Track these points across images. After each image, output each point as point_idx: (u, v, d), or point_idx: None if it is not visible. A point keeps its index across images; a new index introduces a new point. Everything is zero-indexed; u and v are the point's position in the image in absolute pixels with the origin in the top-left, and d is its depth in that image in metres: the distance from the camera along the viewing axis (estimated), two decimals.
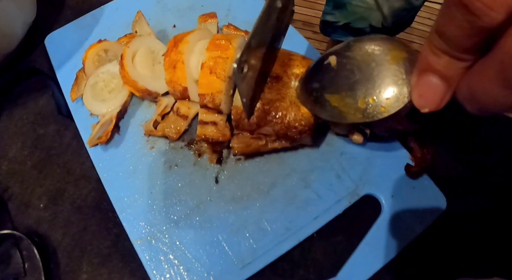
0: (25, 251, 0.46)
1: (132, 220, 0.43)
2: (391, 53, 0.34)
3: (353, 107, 0.35)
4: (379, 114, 0.34)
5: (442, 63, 0.23)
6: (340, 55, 0.37)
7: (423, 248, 0.42)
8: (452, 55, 0.22)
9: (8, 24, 0.51)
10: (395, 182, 0.43)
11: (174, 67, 0.44)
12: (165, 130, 0.45)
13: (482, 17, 0.19)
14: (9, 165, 0.50)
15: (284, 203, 0.43)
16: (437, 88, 0.25)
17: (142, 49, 0.48)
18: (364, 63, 0.35)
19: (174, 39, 0.45)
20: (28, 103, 0.54)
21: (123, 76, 0.46)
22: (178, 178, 0.44)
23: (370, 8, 0.83)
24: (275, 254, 0.41)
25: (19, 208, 0.48)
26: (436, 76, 0.24)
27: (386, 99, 0.33)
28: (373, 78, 0.34)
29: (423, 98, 0.26)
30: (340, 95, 0.36)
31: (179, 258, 0.41)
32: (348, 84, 0.36)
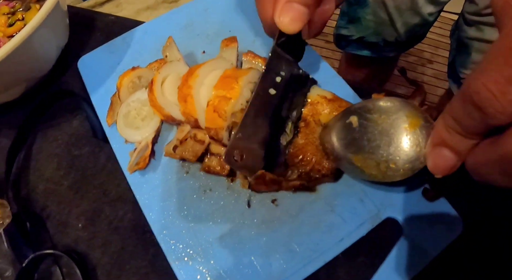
0: (65, 269, 0.48)
1: (169, 241, 0.45)
2: (409, 120, 0.38)
3: (374, 168, 0.39)
4: (397, 176, 0.38)
5: (454, 140, 0.27)
6: (361, 116, 0.41)
7: (440, 267, 0.45)
8: (463, 135, 0.26)
9: (44, 49, 0.53)
10: (414, 206, 0.46)
11: (185, 100, 0.46)
12: (183, 153, 0.47)
13: (493, 118, 0.23)
14: (46, 184, 0.52)
15: (311, 226, 0.45)
16: (449, 159, 0.29)
17: (172, 75, 0.50)
18: (384, 128, 0.39)
19: (187, 72, 0.48)
20: (62, 124, 0.56)
21: (151, 100, 0.48)
22: (212, 202, 0.47)
23: (384, 23, 0.85)
24: (303, 274, 0.43)
25: (58, 228, 0.50)
26: (448, 150, 0.28)
27: (404, 165, 0.37)
28: (393, 145, 0.38)
29: (436, 167, 0.31)
30: (363, 156, 0.40)
31: (214, 277, 0.44)
32: (370, 147, 0.40)
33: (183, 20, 0.59)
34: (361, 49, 0.96)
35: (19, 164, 0.54)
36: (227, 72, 0.45)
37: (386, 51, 0.96)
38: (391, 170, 0.38)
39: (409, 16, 0.84)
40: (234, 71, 0.46)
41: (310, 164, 0.44)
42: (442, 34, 1.42)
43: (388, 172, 0.39)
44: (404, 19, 0.84)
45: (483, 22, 0.76)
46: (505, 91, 0.22)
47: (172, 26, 0.58)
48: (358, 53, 0.98)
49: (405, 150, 0.37)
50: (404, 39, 0.90)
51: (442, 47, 1.39)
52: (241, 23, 0.59)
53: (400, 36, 0.88)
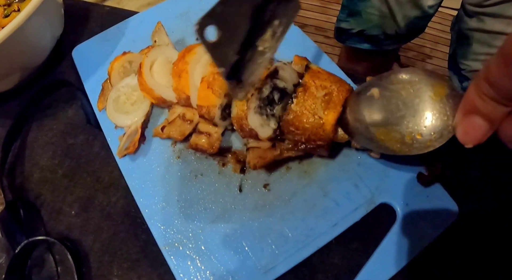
0: (57, 256, 0.48)
1: (159, 227, 0.45)
2: (434, 89, 0.36)
3: (399, 141, 0.37)
4: (424, 148, 0.36)
5: (488, 107, 0.26)
6: (383, 87, 0.39)
7: (435, 253, 0.44)
8: (499, 102, 0.25)
9: (39, 38, 0.54)
10: (409, 191, 0.45)
11: (180, 76, 0.46)
12: (170, 133, 0.47)
13: None
14: (40, 173, 0.53)
15: (304, 211, 0.45)
16: (481, 128, 0.27)
17: (160, 58, 0.50)
18: (408, 98, 0.37)
19: (184, 49, 0.48)
20: (57, 113, 0.56)
21: (141, 84, 0.48)
22: (203, 187, 0.47)
23: (385, 16, 0.85)
24: (296, 260, 0.43)
25: (51, 215, 0.50)
26: (481, 117, 0.27)
27: (431, 135, 0.35)
28: (418, 114, 0.36)
29: (467, 136, 0.28)
30: (387, 129, 0.38)
31: (205, 263, 0.43)
32: (394, 118, 0.37)
33: (178, 9, 0.60)
34: (362, 43, 0.96)
35: (15, 153, 0.55)
36: None
37: (386, 44, 0.96)
38: (418, 141, 0.36)
39: (409, 9, 0.83)
40: None
41: (306, 133, 0.42)
42: (441, 30, 1.41)
43: (414, 143, 0.36)
44: (404, 12, 0.84)
45: (485, 13, 0.75)
46: None
47: (167, 15, 0.58)
48: (358, 47, 0.98)
49: (432, 119, 0.35)
50: (405, 32, 0.89)
51: (441, 43, 1.38)
52: None
53: (400, 29, 0.88)
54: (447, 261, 0.44)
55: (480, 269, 0.44)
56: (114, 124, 0.50)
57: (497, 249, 0.45)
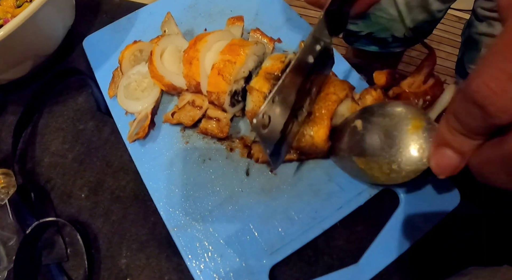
0: (67, 238, 0.49)
1: (168, 209, 0.46)
2: (412, 122, 0.37)
3: (377, 171, 0.39)
4: (400, 179, 0.38)
5: (457, 140, 0.27)
6: (365, 120, 0.41)
7: (438, 238, 0.45)
8: (466, 135, 0.26)
9: (50, 28, 0.55)
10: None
11: (190, 63, 0.47)
12: (180, 118, 0.49)
13: (494, 117, 0.22)
14: (51, 158, 0.54)
15: (310, 195, 0.46)
16: (452, 160, 0.28)
17: (170, 47, 0.52)
18: (387, 131, 0.38)
19: (195, 38, 0.49)
20: (67, 101, 0.57)
21: (151, 71, 0.49)
22: (211, 171, 0.48)
23: (393, 20, 0.85)
24: (301, 242, 0.44)
25: (62, 198, 0.51)
26: (451, 150, 0.28)
27: (407, 167, 0.37)
28: (395, 147, 0.37)
29: (439, 168, 0.30)
30: (366, 159, 0.40)
31: (212, 245, 0.44)
32: (373, 150, 0.39)
33: (187, 1, 0.61)
34: (370, 45, 0.97)
35: (26, 138, 0.56)
36: (234, 41, 0.47)
37: (393, 47, 0.97)
38: (394, 171, 0.38)
39: (418, 13, 0.84)
40: (241, 41, 0.47)
41: (302, 149, 0.45)
42: (444, 30, 1.42)
43: (391, 173, 0.38)
44: (413, 15, 0.84)
45: (496, 18, 0.76)
46: (506, 89, 0.21)
47: (176, 6, 0.60)
48: (366, 49, 0.99)
49: (408, 151, 0.37)
50: (412, 35, 0.90)
51: (444, 43, 1.40)
52: (242, 3, 0.60)
53: (409, 32, 0.89)
54: (448, 244, 0.45)
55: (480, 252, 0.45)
56: (125, 111, 0.52)
57: (495, 232, 0.46)
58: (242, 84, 0.47)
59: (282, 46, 0.55)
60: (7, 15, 0.57)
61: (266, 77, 0.44)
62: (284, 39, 0.55)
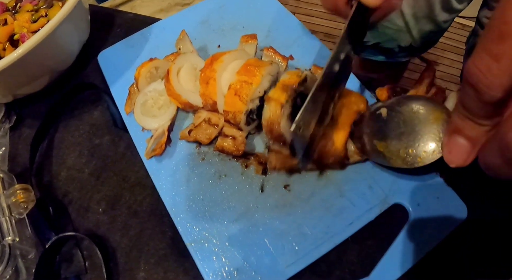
0: (85, 251, 0.50)
1: (185, 224, 0.48)
2: (433, 114, 0.41)
3: (395, 154, 0.43)
4: (415, 163, 0.41)
5: (466, 127, 0.29)
6: (391, 108, 0.44)
7: (446, 251, 0.46)
8: (473, 120, 0.28)
9: (67, 43, 0.56)
10: (421, 193, 0.47)
11: (207, 83, 0.49)
12: (197, 136, 0.50)
13: (484, 94, 0.24)
14: (68, 172, 0.55)
15: (322, 210, 0.47)
16: (463, 147, 0.30)
17: (186, 65, 0.53)
18: (410, 119, 0.42)
19: (212, 57, 0.51)
20: (83, 115, 0.59)
21: (168, 89, 0.51)
22: (227, 187, 0.49)
23: (400, 30, 0.86)
24: (314, 256, 0.45)
25: (79, 212, 0.52)
26: (462, 137, 0.30)
27: (423, 152, 0.40)
28: (415, 133, 0.41)
29: (451, 155, 0.31)
30: (386, 143, 0.43)
31: (229, 258, 0.46)
32: (394, 135, 0.43)
33: (199, 17, 0.62)
34: (376, 55, 0.98)
35: (42, 152, 0.57)
36: (250, 61, 0.48)
37: (400, 56, 0.98)
38: (410, 155, 0.41)
39: (425, 24, 0.85)
40: (256, 61, 0.49)
41: (319, 152, 0.47)
42: (449, 37, 1.44)
43: (407, 157, 0.41)
44: (420, 26, 0.85)
45: None
46: (490, 66, 0.23)
47: (189, 22, 0.61)
48: (373, 58, 1.00)
49: (426, 139, 0.40)
50: (419, 45, 0.91)
51: (448, 50, 1.42)
52: (255, 20, 0.61)
53: (415, 42, 0.90)
54: (456, 257, 0.47)
55: (487, 265, 0.46)
56: (141, 127, 0.53)
57: (502, 245, 0.47)
58: (257, 103, 0.48)
59: (294, 63, 0.56)
60: (23, 29, 0.58)
61: (284, 88, 0.45)
62: (296, 56, 0.56)
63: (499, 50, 0.23)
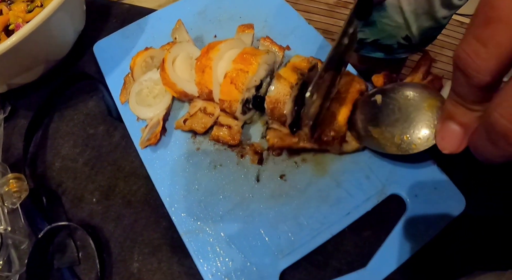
0: (79, 241, 0.50)
1: (180, 214, 0.47)
2: (428, 101, 0.41)
3: (390, 140, 0.43)
4: (410, 150, 0.41)
5: (459, 112, 0.29)
6: (385, 95, 0.44)
7: (443, 243, 0.46)
8: (464, 105, 0.28)
9: (62, 33, 0.56)
10: (418, 183, 0.47)
11: (203, 71, 0.48)
12: (192, 125, 0.50)
13: (473, 78, 0.25)
14: (62, 162, 0.54)
15: (319, 201, 0.47)
16: (456, 133, 0.30)
17: (182, 54, 0.52)
18: (404, 105, 0.42)
19: (208, 46, 0.50)
20: (78, 105, 0.58)
21: (163, 78, 0.50)
22: (222, 177, 0.49)
23: (399, 27, 0.86)
24: (311, 246, 0.45)
25: (73, 202, 0.52)
26: (455, 123, 0.30)
27: (418, 139, 0.41)
28: (410, 120, 0.41)
29: (444, 141, 0.31)
30: (381, 129, 0.44)
31: (224, 249, 0.45)
32: (389, 121, 0.43)
33: (196, 8, 0.62)
34: (375, 51, 0.98)
35: (37, 142, 0.56)
36: (246, 50, 0.48)
37: (399, 53, 0.98)
38: (405, 142, 0.41)
39: (424, 20, 0.85)
40: (253, 49, 0.48)
41: (321, 124, 0.46)
42: (447, 34, 1.44)
43: (402, 144, 0.42)
44: (419, 23, 0.85)
45: None
46: (477, 51, 0.24)
47: (186, 12, 0.61)
48: (372, 55, 1.00)
49: (420, 126, 0.40)
50: (418, 41, 0.91)
51: (446, 47, 1.42)
52: (251, 10, 0.61)
53: (415, 38, 0.90)
54: (454, 249, 0.46)
55: (485, 257, 0.46)
56: (136, 117, 0.52)
57: (499, 237, 0.47)
58: (253, 93, 0.48)
59: (291, 54, 0.55)
60: (18, 19, 0.58)
61: (294, 69, 0.45)
62: (293, 46, 0.56)
63: (486, 35, 0.23)
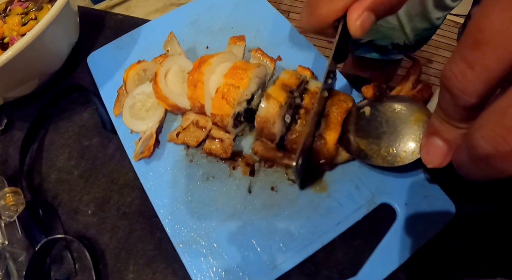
0: (75, 253, 0.51)
1: (174, 226, 0.48)
2: (415, 115, 0.42)
3: (376, 152, 0.44)
4: (395, 162, 0.42)
5: (444, 129, 0.29)
6: (374, 107, 0.45)
7: (433, 250, 0.46)
8: (449, 123, 0.29)
9: (56, 46, 0.56)
10: (408, 192, 0.48)
11: (195, 86, 0.49)
12: (185, 139, 0.50)
13: (459, 98, 0.25)
14: (58, 174, 0.55)
15: (309, 211, 0.48)
16: (440, 148, 0.31)
17: (174, 68, 0.53)
18: (392, 119, 0.43)
19: (199, 60, 0.50)
20: (72, 117, 0.59)
21: (156, 92, 0.51)
22: (215, 188, 0.49)
23: (394, 28, 0.87)
24: (302, 256, 0.45)
25: (69, 214, 0.53)
26: (439, 139, 0.31)
27: (403, 152, 0.41)
28: (396, 133, 0.42)
29: (429, 156, 0.32)
30: (368, 141, 0.44)
31: (217, 260, 0.46)
32: (376, 133, 0.44)
33: (189, 18, 0.62)
34: (370, 52, 0.98)
35: (32, 154, 0.57)
36: (237, 64, 0.48)
37: (394, 54, 0.98)
38: (391, 155, 0.42)
39: (418, 21, 0.85)
40: (244, 64, 0.49)
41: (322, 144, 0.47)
42: (442, 35, 1.45)
43: (388, 156, 0.42)
44: (413, 24, 0.86)
45: None
46: (464, 72, 0.24)
47: (178, 23, 0.61)
48: (366, 56, 1.00)
49: (406, 139, 0.41)
50: (412, 42, 0.91)
51: (442, 48, 1.42)
52: (243, 20, 0.61)
53: (409, 39, 0.90)
54: (444, 256, 0.47)
55: (473, 263, 0.47)
56: (130, 130, 0.53)
57: (488, 244, 0.47)
58: (244, 106, 0.48)
59: (282, 64, 0.56)
60: (12, 33, 0.58)
61: (283, 87, 0.46)
62: (284, 56, 0.56)
63: (473, 57, 0.23)
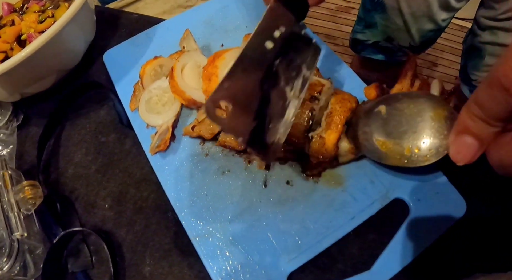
0: (92, 246, 0.51)
1: (190, 219, 0.48)
2: (435, 111, 0.40)
3: (399, 153, 0.42)
4: (421, 162, 0.41)
5: (477, 127, 0.29)
6: (390, 105, 0.43)
7: (445, 245, 0.47)
8: (487, 122, 0.28)
9: (73, 43, 0.57)
10: (421, 188, 0.48)
11: (209, 79, 0.50)
12: (200, 131, 0.51)
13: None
14: (75, 169, 0.56)
15: (324, 205, 0.48)
16: (471, 147, 0.30)
17: (190, 63, 0.54)
18: (411, 116, 0.41)
19: (214, 55, 0.52)
20: (89, 113, 0.60)
21: (172, 86, 0.52)
22: (230, 182, 0.50)
23: (399, 29, 0.87)
24: (317, 250, 0.46)
25: (86, 208, 0.53)
26: (471, 137, 0.30)
27: (428, 151, 0.40)
28: (419, 131, 0.41)
29: (459, 154, 0.31)
30: (389, 142, 0.43)
31: (233, 253, 0.46)
32: (397, 133, 0.42)
33: (203, 17, 0.63)
34: (376, 53, 0.99)
35: (49, 150, 0.58)
36: None
37: (399, 56, 0.99)
38: (416, 155, 0.41)
39: (423, 22, 0.86)
40: None
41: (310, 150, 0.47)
42: (447, 38, 1.45)
43: (412, 156, 0.41)
44: (418, 25, 0.86)
45: (498, 27, 0.79)
46: None
47: (193, 22, 0.62)
48: (372, 57, 1.01)
49: (430, 137, 0.40)
50: (418, 44, 0.92)
51: (447, 51, 1.42)
52: (258, 19, 0.62)
53: (414, 41, 0.91)
54: (455, 251, 0.47)
55: (485, 259, 0.47)
56: (146, 124, 0.54)
57: (500, 240, 0.48)
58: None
59: None
60: (30, 30, 0.59)
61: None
62: None
63: None
